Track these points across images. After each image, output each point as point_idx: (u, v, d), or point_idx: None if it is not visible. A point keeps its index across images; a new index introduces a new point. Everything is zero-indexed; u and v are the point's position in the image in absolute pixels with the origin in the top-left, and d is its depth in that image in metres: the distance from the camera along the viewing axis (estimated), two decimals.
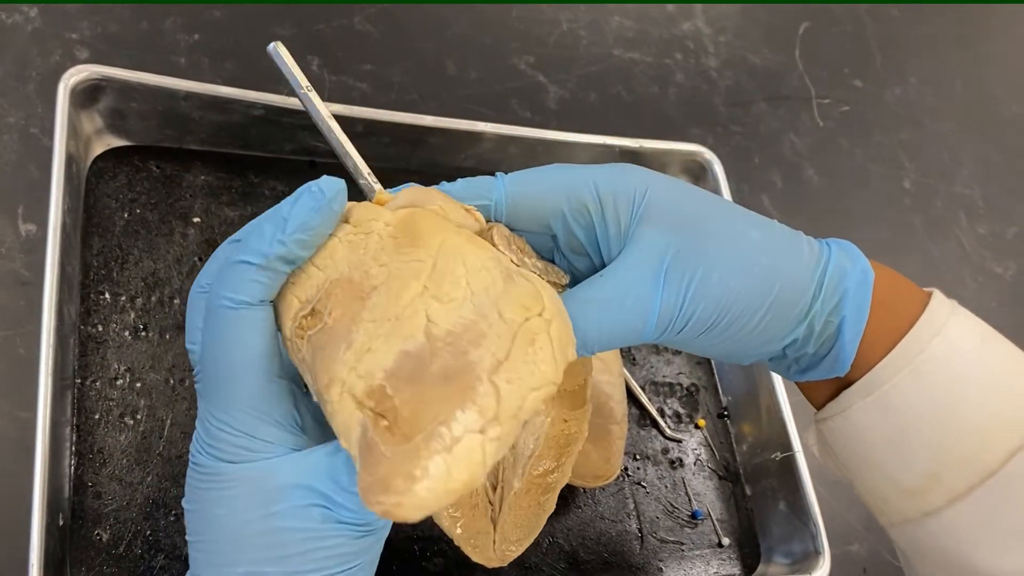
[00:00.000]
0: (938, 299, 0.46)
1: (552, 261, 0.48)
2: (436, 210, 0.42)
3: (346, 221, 0.40)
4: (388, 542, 0.41)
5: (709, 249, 0.43)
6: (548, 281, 0.45)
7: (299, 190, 0.39)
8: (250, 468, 0.38)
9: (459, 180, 0.46)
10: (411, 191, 0.43)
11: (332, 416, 0.36)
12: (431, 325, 0.36)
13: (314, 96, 0.44)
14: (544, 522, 0.49)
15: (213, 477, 0.38)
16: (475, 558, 0.48)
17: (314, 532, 0.37)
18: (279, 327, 0.40)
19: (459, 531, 0.47)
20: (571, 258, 0.47)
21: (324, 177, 0.39)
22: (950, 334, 0.44)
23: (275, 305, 0.40)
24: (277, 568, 0.37)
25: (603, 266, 0.46)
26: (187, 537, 0.40)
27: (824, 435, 0.49)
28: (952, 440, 0.43)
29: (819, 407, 0.49)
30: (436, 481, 0.32)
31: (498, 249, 0.43)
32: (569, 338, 0.37)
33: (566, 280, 0.47)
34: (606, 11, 0.94)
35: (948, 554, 0.44)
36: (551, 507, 0.49)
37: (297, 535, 0.37)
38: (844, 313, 0.44)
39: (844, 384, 0.47)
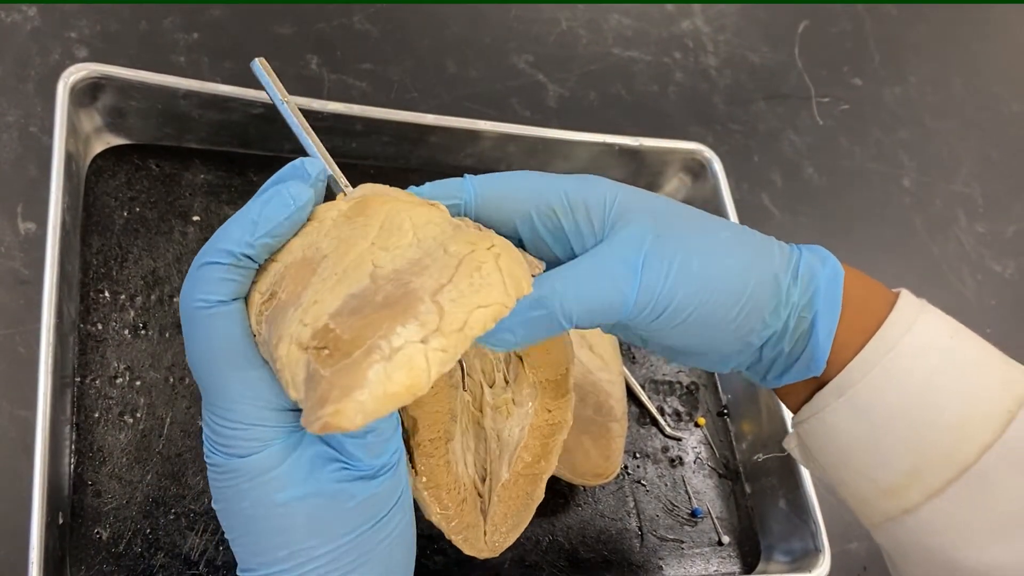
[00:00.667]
0: (907, 298, 0.46)
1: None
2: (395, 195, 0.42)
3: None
4: None
5: (688, 238, 0.44)
6: None
7: (270, 192, 0.40)
8: (261, 458, 0.38)
9: (427, 183, 0.46)
10: (371, 185, 0.43)
11: (281, 372, 0.36)
12: (377, 269, 0.36)
13: (294, 109, 0.45)
14: (533, 512, 0.49)
15: (229, 474, 0.39)
16: (466, 551, 0.48)
17: (337, 494, 0.38)
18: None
19: (449, 525, 0.47)
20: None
21: (292, 183, 0.40)
22: (920, 331, 0.44)
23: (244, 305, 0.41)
24: (315, 540, 0.38)
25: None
26: (226, 536, 0.40)
27: (802, 438, 0.49)
28: (927, 436, 0.43)
29: (795, 411, 0.49)
30: (375, 386, 0.32)
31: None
32: (522, 271, 0.37)
33: (540, 268, 0.47)
34: (605, 10, 0.94)
35: (930, 551, 0.44)
36: (540, 496, 0.49)
37: (322, 503, 0.38)
38: (817, 309, 0.45)
39: (818, 386, 0.47)
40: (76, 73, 0.59)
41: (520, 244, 0.47)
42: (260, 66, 0.47)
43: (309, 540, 0.38)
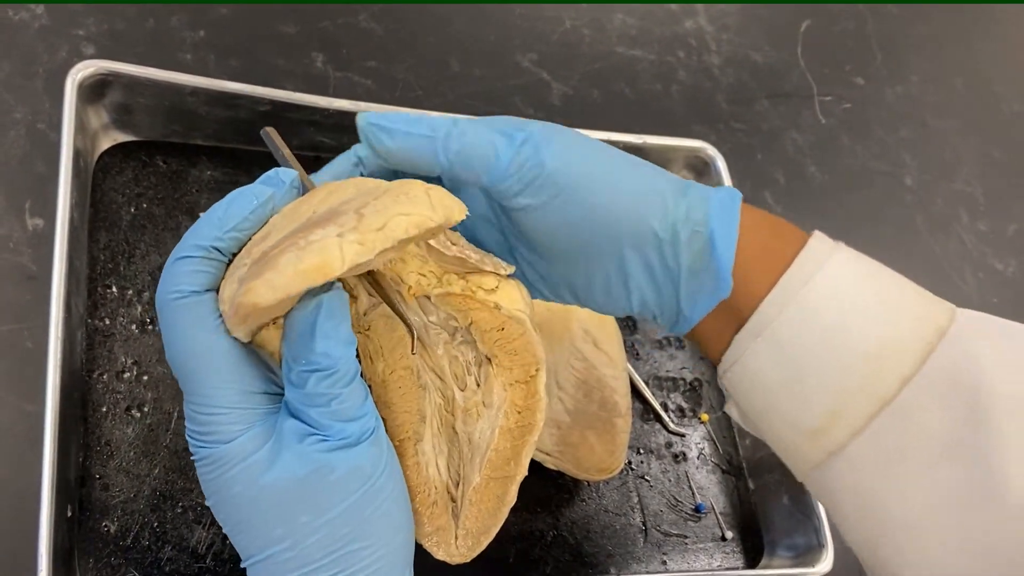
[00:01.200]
0: (819, 238, 0.46)
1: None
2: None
3: None
4: None
5: (578, 144, 0.46)
6: (489, 272, 0.47)
7: (234, 192, 0.42)
8: (244, 442, 0.39)
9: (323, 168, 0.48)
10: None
11: (224, 310, 0.38)
12: (314, 214, 0.38)
13: (304, 176, 0.46)
14: (505, 515, 0.49)
15: (216, 464, 0.40)
16: (438, 555, 0.48)
17: (320, 467, 0.39)
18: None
19: (420, 529, 0.47)
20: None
21: (256, 184, 0.43)
22: (833, 268, 0.44)
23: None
24: (307, 515, 0.39)
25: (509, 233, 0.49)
26: (224, 531, 0.41)
27: (729, 390, 0.48)
28: (845, 371, 0.43)
29: (718, 361, 0.49)
30: (285, 267, 0.34)
31: (440, 239, 0.46)
32: (453, 202, 0.39)
33: (510, 270, 0.48)
34: (609, 9, 0.94)
35: (859, 493, 0.43)
36: (511, 499, 0.49)
37: (308, 478, 0.39)
38: (712, 225, 0.44)
39: (737, 331, 0.47)
40: (84, 70, 0.60)
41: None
42: (269, 135, 0.48)
43: (301, 516, 0.39)
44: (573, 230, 0.45)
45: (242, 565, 0.41)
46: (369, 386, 0.47)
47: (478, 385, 0.50)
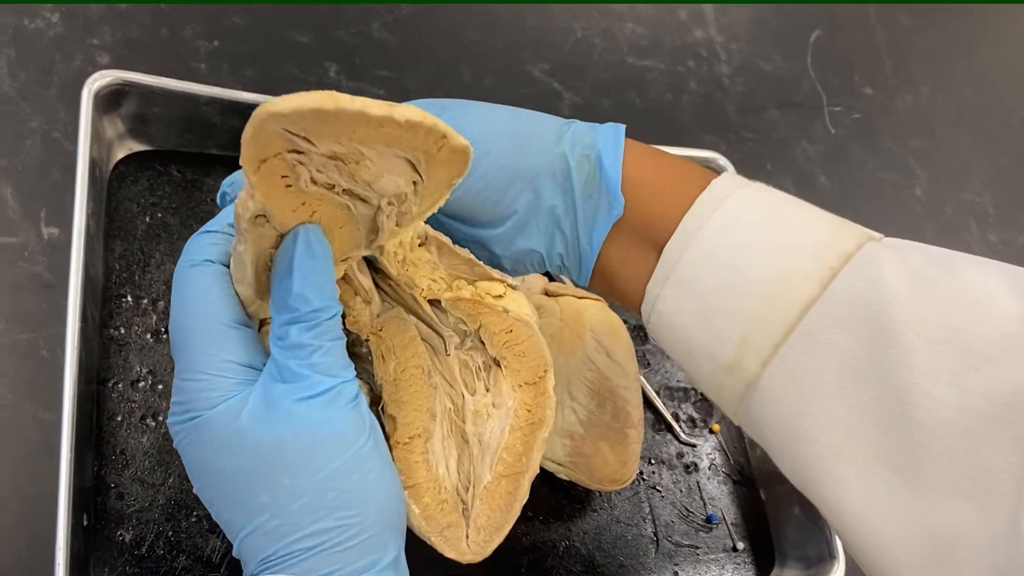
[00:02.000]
0: (724, 178, 0.47)
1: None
2: None
3: None
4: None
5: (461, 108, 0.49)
6: (496, 279, 0.50)
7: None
8: (226, 408, 0.40)
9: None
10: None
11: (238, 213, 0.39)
12: None
13: None
14: (517, 513, 0.49)
15: (199, 434, 0.40)
16: (447, 552, 0.48)
17: (302, 426, 0.39)
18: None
19: (428, 524, 0.47)
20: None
21: None
22: (731, 206, 0.45)
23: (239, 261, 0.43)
24: (290, 478, 0.39)
25: None
26: (213, 516, 0.41)
27: (654, 340, 0.49)
28: (747, 300, 0.43)
29: (639, 312, 0.50)
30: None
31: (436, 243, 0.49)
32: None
33: (515, 282, 0.50)
34: (620, 19, 0.94)
35: (780, 423, 0.44)
36: (523, 496, 0.50)
37: (289, 437, 0.39)
38: (599, 148, 0.47)
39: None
40: (100, 80, 0.60)
41: None
42: None
43: (284, 479, 0.39)
44: (480, 187, 0.48)
45: (234, 552, 0.41)
46: (381, 384, 0.48)
47: (487, 389, 0.51)
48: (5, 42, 0.67)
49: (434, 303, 0.50)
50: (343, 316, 0.48)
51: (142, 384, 0.58)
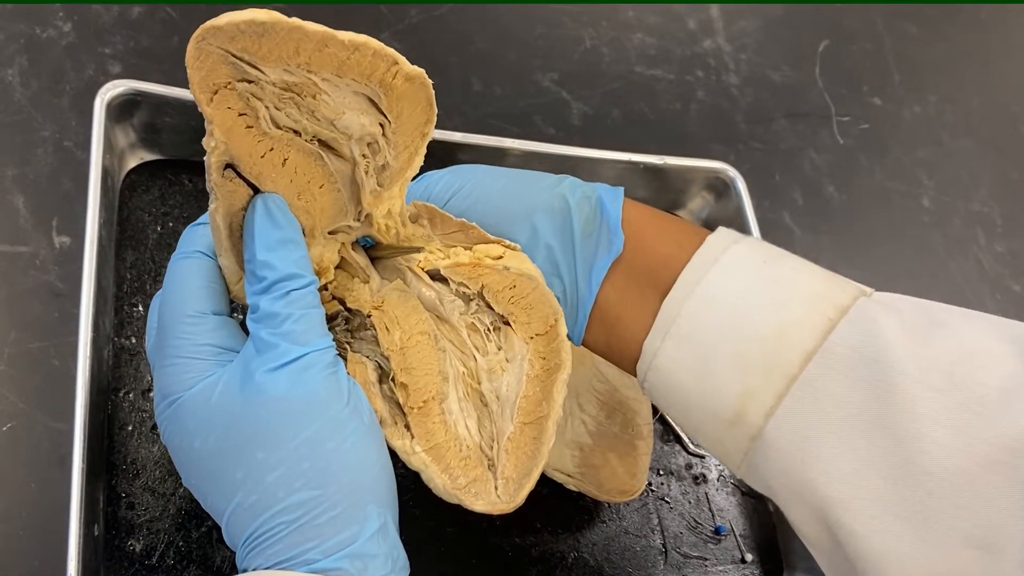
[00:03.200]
0: (719, 234, 0.48)
1: None
2: None
3: None
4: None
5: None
6: (494, 242, 0.51)
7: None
8: (202, 389, 0.40)
9: None
10: None
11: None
12: None
13: None
14: (545, 456, 0.48)
15: (176, 421, 0.40)
16: (478, 508, 0.47)
17: (274, 395, 0.39)
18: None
19: (454, 482, 0.47)
20: None
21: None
22: (729, 260, 0.46)
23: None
24: (264, 451, 0.39)
25: None
26: (206, 509, 0.42)
27: (652, 397, 0.49)
28: (749, 353, 0.43)
29: (634, 370, 0.50)
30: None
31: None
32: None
33: (515, 246, 0.51)
34: (629, 29, 0.94)
35: (787, 476, 0.44)
36: (549, 438, 0.49)
37: (261, 407, 0.39)
38: (599, 192, 0.49)
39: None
40: (112, 89, 0.60)
41: None
42: None
43: (258, 452, 0.39)
44: (473, 215, 0.50)
45: (226, 540, 0.41)
46: (388, 357, 0.48)
47: (499, 348, 0.51)
48: (17, 51, 0.67)
49: (433, 274, 0.50)
50: (343, 301, 0.48)
51: (152, 394, 0.58)
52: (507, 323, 0.51)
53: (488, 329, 0.51)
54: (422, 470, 0.47)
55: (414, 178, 0.48)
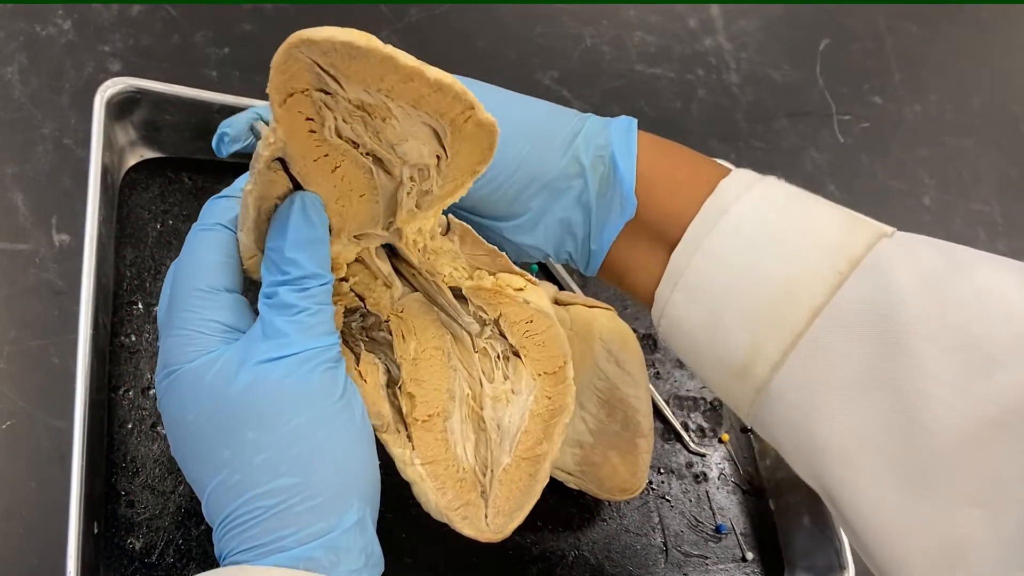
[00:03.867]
0: (732, 179, 0.47)
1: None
2: None
3: None
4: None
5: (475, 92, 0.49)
6: (517, 273, 0.50)
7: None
8: (202, 362, 0.40)
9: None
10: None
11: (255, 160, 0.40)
12: None
13: None
14: (538, 494, 0.49)
15: (173, 392, 0.40)
16: (466, 531, 0.47)
17: (273, 379, 0.39)
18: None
19: (446, 500, 0.47)
20: None
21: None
22: (740, 209, 0.45)
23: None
24: (255, 431, 0.39)
25: None
26: (184, 472, 0.42)
27: (666, 342, 0.50)
28: (757, 307, 0.43)
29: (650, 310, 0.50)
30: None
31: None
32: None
33: (535, 280, 0.51)
34: (629, 27, 0.94)
35: (791, 428, 0.44)
36: (544, 478, 0.50)
37: (256, 390, 0.39)
38: (613, 148, 0.47)
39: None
40: (112, 87, 0.60)
41: None
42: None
43: (248, 432, 0.39)
44: (497, 183, 0.48)
45: (205, 516, 0.41)
46: (399, 364, 0.48)
47: (506, 377, 0.51)
48: (17, 48, 0.67)
49: (455, 291, 0.50)
50: (362, 299, 0.48)
51: (153, 392, 0.58)
52: (517, 355, 0.51)
53: (499, 357, 0.51)
54: (416, 483, 0.47)
55: None
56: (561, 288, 0.72)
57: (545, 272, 0.74)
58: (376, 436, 0.46)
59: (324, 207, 0.42)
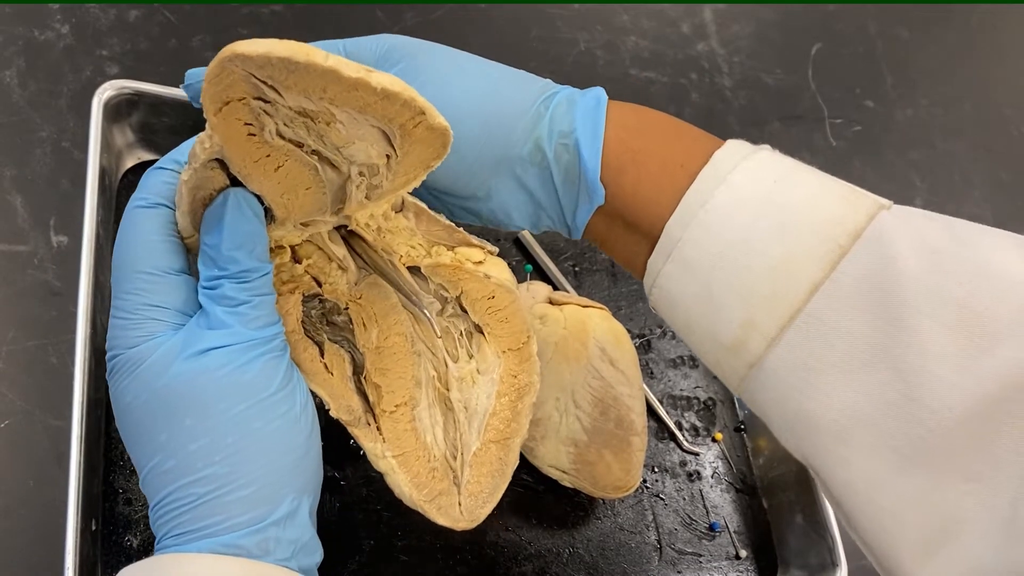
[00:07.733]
0: (728, 148, 0.45)
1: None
2: None
3: None
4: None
5: (440, 64, 0.47)
6: (476, 246, 0.50)
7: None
8: (147, 347, 0.40)
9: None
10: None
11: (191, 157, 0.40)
12: None
13: None
14: (509, 478, 0.49)
15: (116, 374, 0.40)
16: (440, 521, 0.47)
17: (211, 365, 0.39)
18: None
19: (420, 492, 0.47)
20: None
21: None
22: (736, 180, 0.43)
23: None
24: (192, 418, 0.39)
25: None
26: (132, 459, 0.41)
27: (658, 311, 0.48)
28: (753, 282, 0.42)
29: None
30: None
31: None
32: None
33: (494, 250, 0.51)
34: (623, 32, 0.95)
35: (783, 403, 0.43)
36: (514, 461, 0.50)
37: (196, 376, 0.39)
38: (577, 135, 0.45)
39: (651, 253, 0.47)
40: (110, 89, 0.60)
41: None
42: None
43: (186, 419, 0.39)
44: (457, 170, 0.47)
45: (140, 487, 0.41)
46: (363, 353, 0.48)
47: (470, 356, 0.51)
48: (15, 52, 0.68)
49: (413, 270, 0.50)
50: (319, 283, 0.48)
51: None
52: (480, 332, 0.51)
53: (461, 334, 0.51)
54: (389, 474, 0.47)
55: None
56: (555, 288, 0.72)
57: (540, 272, 0.74)
58: (348, 431, 0.47)
59: (263, 199, 0.42)
